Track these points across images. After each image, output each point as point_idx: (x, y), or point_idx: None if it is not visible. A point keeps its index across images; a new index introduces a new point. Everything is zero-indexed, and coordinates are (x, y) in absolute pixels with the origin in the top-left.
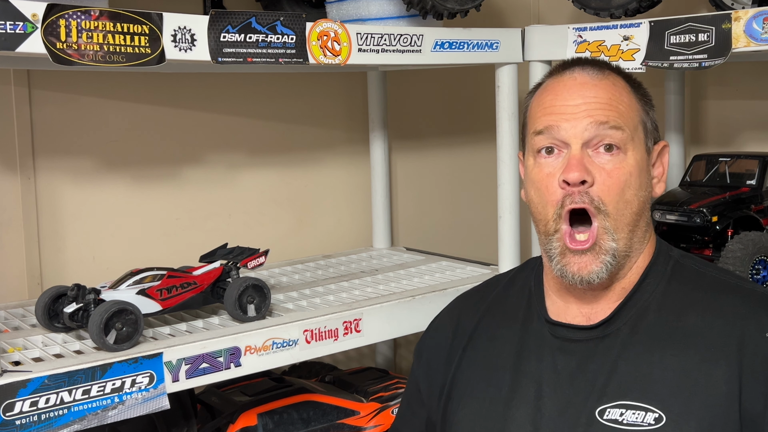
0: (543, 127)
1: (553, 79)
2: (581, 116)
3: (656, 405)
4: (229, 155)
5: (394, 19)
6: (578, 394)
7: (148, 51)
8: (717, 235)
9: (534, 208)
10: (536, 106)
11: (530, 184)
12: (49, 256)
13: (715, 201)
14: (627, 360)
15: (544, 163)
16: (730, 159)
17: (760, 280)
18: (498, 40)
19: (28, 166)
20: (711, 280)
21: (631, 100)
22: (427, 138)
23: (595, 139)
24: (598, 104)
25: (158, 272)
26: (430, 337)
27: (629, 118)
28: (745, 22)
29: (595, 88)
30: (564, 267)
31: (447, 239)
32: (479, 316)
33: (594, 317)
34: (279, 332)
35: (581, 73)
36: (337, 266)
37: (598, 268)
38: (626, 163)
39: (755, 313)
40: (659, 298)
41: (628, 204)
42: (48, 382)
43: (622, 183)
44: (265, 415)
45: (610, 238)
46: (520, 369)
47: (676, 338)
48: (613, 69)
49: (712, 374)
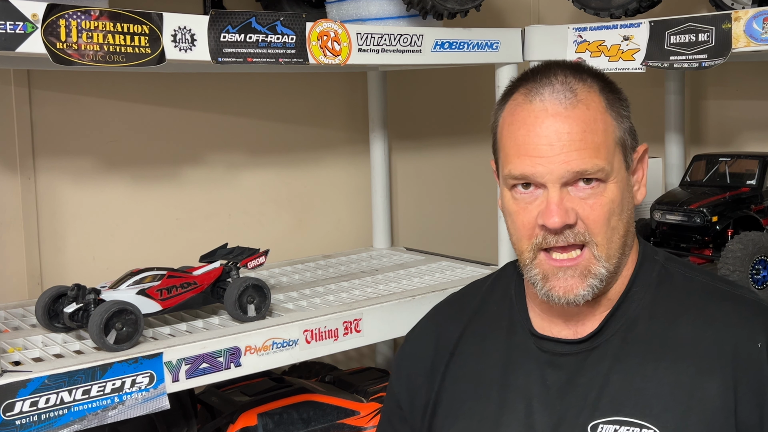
0: (519, 174)
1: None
2: (557, 161)
3: (651, 421)
4: (229, 155)
5: (394, 19)
6: (570, 409)
7: (148, 51)
8: (717, 235)
9: (510, 237)
10: (508, 136)
11: (506, 213)
12: (49, 256)
13: (715, 201)
14: (619, 373)
15: (519, 198)
16: (730, 159)
17: (760, 280)
18: (498, 40)
19: (28, 166)
20: (700, 285)
21: (606, 122)
22: (427, 138)
23: (573, 181)
24: (573, 144)
25: (158, 272)
26: (410, 351)
27: (606, 149)
28: (745, 22)
29: (567, 122)
30: (549, 291)
31: (447, 239)
32: (462, 328)
33: (581, 331)
34: (279, 332)
35: (551, 100)
36: (337, 266)
37: (585, 292)
38: (608, 191)
39: (747, 321)
40: (648, 307)
41: (615, 230)
42: (48, 382)
43: (606, 213)
44: (265, 415)
45: (601, 264)
46: (508, 384)
47: (670, 349)
48: (585, 82)
49: (707, 387)
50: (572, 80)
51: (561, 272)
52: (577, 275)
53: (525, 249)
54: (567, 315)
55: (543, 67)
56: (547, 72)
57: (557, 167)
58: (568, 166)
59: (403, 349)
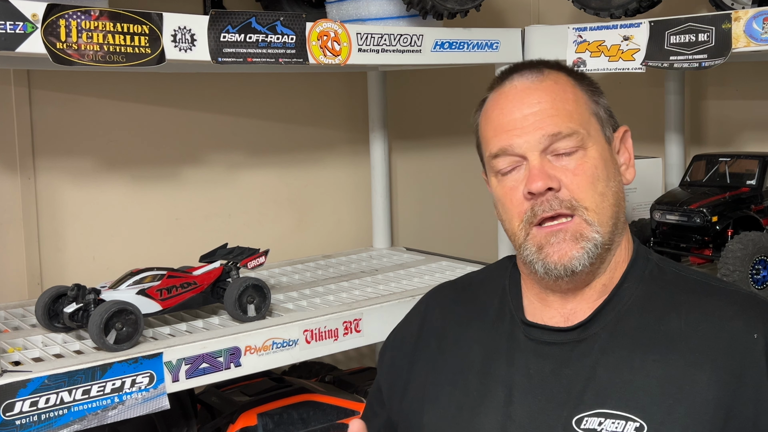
0: (498, 150)
1: (494, 92)
2: (531, 129)
3: (637, 414)
4: (229, 155)
5: (394, 19)
6: (552, 401)
7: (148, 51)
8: (717, 235)
9: (504, 225)
10: (485, 125)
11: (497, 202)
12: (49, 256)
13: (715, 201)
14: (606, 366)
15: (506, 180)
16: (730, 159)
17: (760, 281)
18: (498, 40)
19: (28, 166)
20: (692, 282)
21: (576, 94)
22: (427, 138)
23: (551, 146)
24: (545, 111)
25: (158, 272)
26: (395, 336)
27: (579, 116)
28: (745, 22)
29: (537, 92)
30: (545, 260)
31: (447, 239)
32: (447, 314)
33: (573, 317)
34: (279, 332)
35: (520, 79)
36: (337, 266)
37: (580, 254)
38: (589, 157)
39: (743, 314)
40: (639, 301)
41: (603, 196)
42: (48, 382)
43: (590, 177)
44: (265, 415)
45: (593, 229)
46: (489, 372)
47: (659, 342)
48: (552, 66)
49: (697, 379)
50: (538, 66)
51: (553, 237)
52: (569, 238)
53: (517, 228)
54: (563, 298)
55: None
56: (515, 66)
57: (532, 135)
58: (542, 131)
59: (391, 334)
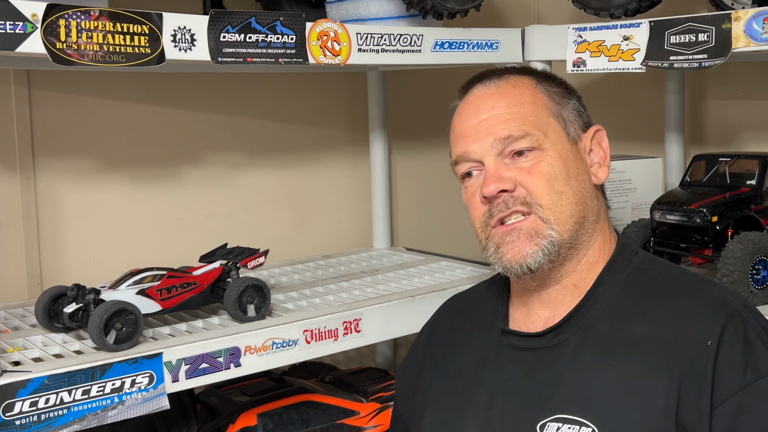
0: (456, 157)
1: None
2: (483, 135)
3: (591, 419)
4: (229, 155)
5: (394, 19)
6: (523, 406)
7: (148, 51)
8: (717, 235)
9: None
10: (450, 134)
11: (466, 207)
12: (49, 256)
13: (715, 201)
14: (573, 371)
15: (468, 185)
16: (730, 159)
17: (760, 281)
18: (498, 40)
19: (28, 166)
20: (669, 283)
21: (535, 96)
22: (427, 138)
23: (506, 149)
24: (498, 116)
25: (158, 272)
26: (412, 347)
27: (535, 117)
28: (745, 22)
29: (491, 98)
30: (502, 259)
31: (447, 239)
32: (453, 323)
33: (551, 321)
34: (279, 332)
35: (480, 87)
36: (337, 266)
37: (534, 251)
38: (545, 156)
39: (703, 319)
40: (612, 305)
41: (561, 195)
42: (48, 383)
43: (546, 176)
44: (265, 415)
45: (549, 227)
46: (478, 378)
47: (621, 348)
48: (516, 71)
49: (652, 387)
50: (504, 73)
51: (508, 236)
52: (524, 237)
53: (479, 231)
54: (541, 301)
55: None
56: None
57: (484, 140)
58: (494, 136)
59: (413, 342)
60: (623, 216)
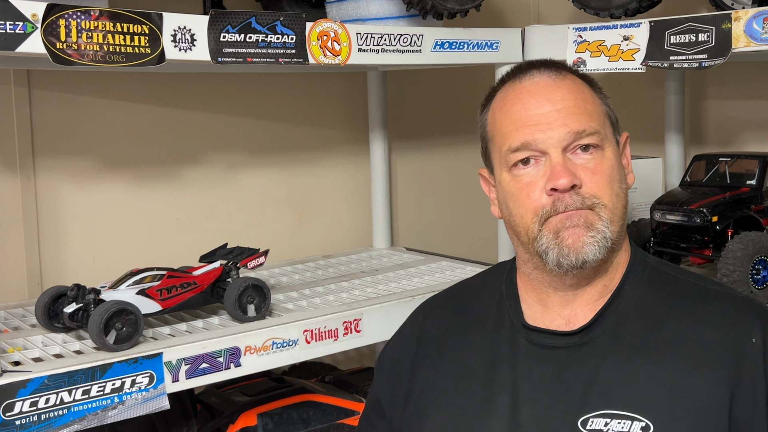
0: (520, 144)
1: (511, 86)
2: (556, 125)
3: (642, 414)
4: (229, 155)
5: (394, 19)
6: (557, 404)
7: (148, 51)
8: (717, 235)
9: (512, 220)
10: (503, 118)
11: (508, 197)
12: (49, 256)
13: (715, 201)
14: (607, 369)
15: (522, 174)
16: (730, 159)
17: (760, 281)
18: (498, 40)
19: (28, 166)
20: (689, 286)
21: (593, 96)
22: (427, 138)
23: (573, 143)
24: (569, 109)
25: (158, 272)
26: (393, 347)
27: (598, 117)
28: (745, 22)
29: (560, 90)
30: (561, 244)
31: (447, 239)
32: (447, 323)
33: (573, 320)
34: (279, 332)
35: (540, 76)
36: (337, 266)
37: (591, 241)
38: (606, 158)
39: (740, 318)
40: (638, 306)
41: (618, 197)
42: (48, 382)
43: (608, 177)
44: (265, 415)
45: (604, 224)
46: (493, 378)
47: (658, 346)
48: (567, 68)
49: (696, 382)
50: (554, 66)
51: (568, 221)
52: (582, 224)
53: (531, 222)
54: (563, 299)
55: (524, 62)
56: (529, 63)
57: (556, 131)
58: (567, 128)
59: (388, 345)
60: None
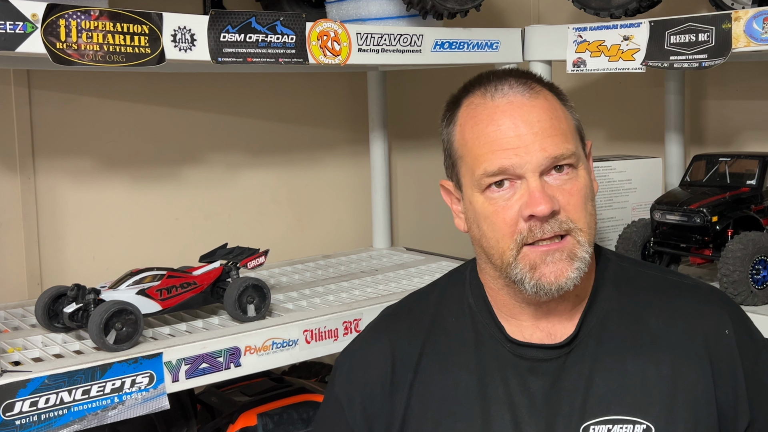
0: (497, 169)
1: (481, 101)
2: (534, 149)
3: (642, 416)
4: (229, 155)
5: (394, 19)
6: (558, 414)
7: (148, 51)
8: (717, 235)
9: (485, 242)
10: (475, 139)
11: (481, 219)
12: (49, 256)
13: (715, 201)
14: (601, 372)
15: (497, 197)
16: (730, 159)
17: (760, 281)
18: (498, 40)
19: (28, 166)
20: (653, 279)
21: (564, 112)
22: (427, 138)
23: (549, 167)
24: (545, 131)
25: (158, 272)
26: (362, 375)
27: (572, 135)
28: (745, 22)
29: (534, 110)
30: (540, 279)
31: (447, 239)
32: (420, 344)
33: (554, 332)
34: (279, 332)
35: (513, 94)
36: (337, 266)
37: (574, 275)
38: (580, 176)
39: (711, 311)
40: (615, 304)
41: (591, 216)
42: (48, 382)
43: (583, 198)
44: (265, 415)
45: (583, 249)
46: (487, 396)
47: (644, 343)
48: (536, 80)
49: (687, 376)
50: (523, 79)
51: (549, 257)
52: (565, 258)
53: (507, 248)
54: (537, 313)
55: (489, 73)
56: (496, 75)
57: (534, 155)
58: (545, 153)
59: (352, 373)
60: (623, 216)
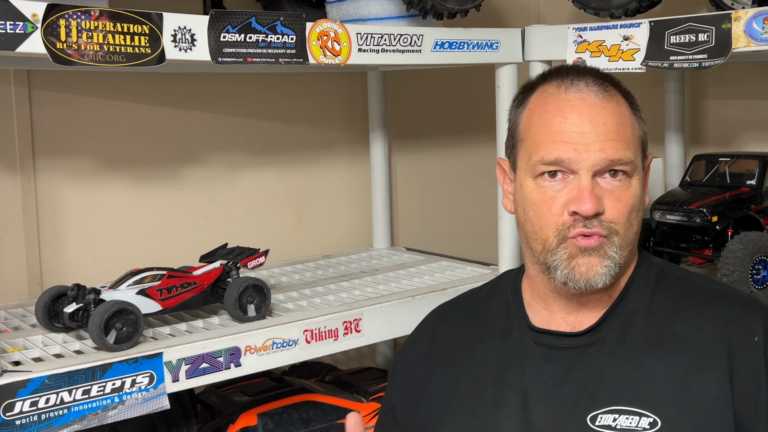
0: (554, 159)
1: (555, 93)
2: (593, 149)
3: (650, 410)
4: (229, 155)
5: (394, 19)
6: (567, 402)
7: (148, 51)
8: (717, 235)
9: (530, 228)
10: (540, 125)
11: (528, 204)
12: (49, 256)
13: (715, 201)
14: (616, 367)
15: (547, 186)
16: (730, 159)
17: (760, 281)
18: (498, 40)
19: (28, 166)
20: (695, 287)
21: (632, 120)
22: (427, 138)
23: (605, 169)
24: (609, 134)
25: (158, 272)
26: (406, 355)
27: (634, 144)
28: (745, 22)
29: (603, 113)
30: (573, 270)
31: (447, 239)
32: (458, 332)
33: (579, 325)
34: (279, 332)
35: (587, 91)
36: (337, 266)
37: (603, 271)
38: (632, 187)
39: (743, 317)
40: (645, 305)
41: (631, 226)
42: (48, 382)
43: (629, 207)
44: (265, 415)
45: (616, 252)
46: (503, 381)
47: (665, 345)
48: (614, 83)
49: (703, 380)
50: (601, 80)
51: (586, 252)
52: (597, 255)
53: (550, 235)
54: (568, 307)
55: (570, 67)
56: (576, 70)
57: (593, 155)
58: (603, 154)
59: (401, 353)
60: None
